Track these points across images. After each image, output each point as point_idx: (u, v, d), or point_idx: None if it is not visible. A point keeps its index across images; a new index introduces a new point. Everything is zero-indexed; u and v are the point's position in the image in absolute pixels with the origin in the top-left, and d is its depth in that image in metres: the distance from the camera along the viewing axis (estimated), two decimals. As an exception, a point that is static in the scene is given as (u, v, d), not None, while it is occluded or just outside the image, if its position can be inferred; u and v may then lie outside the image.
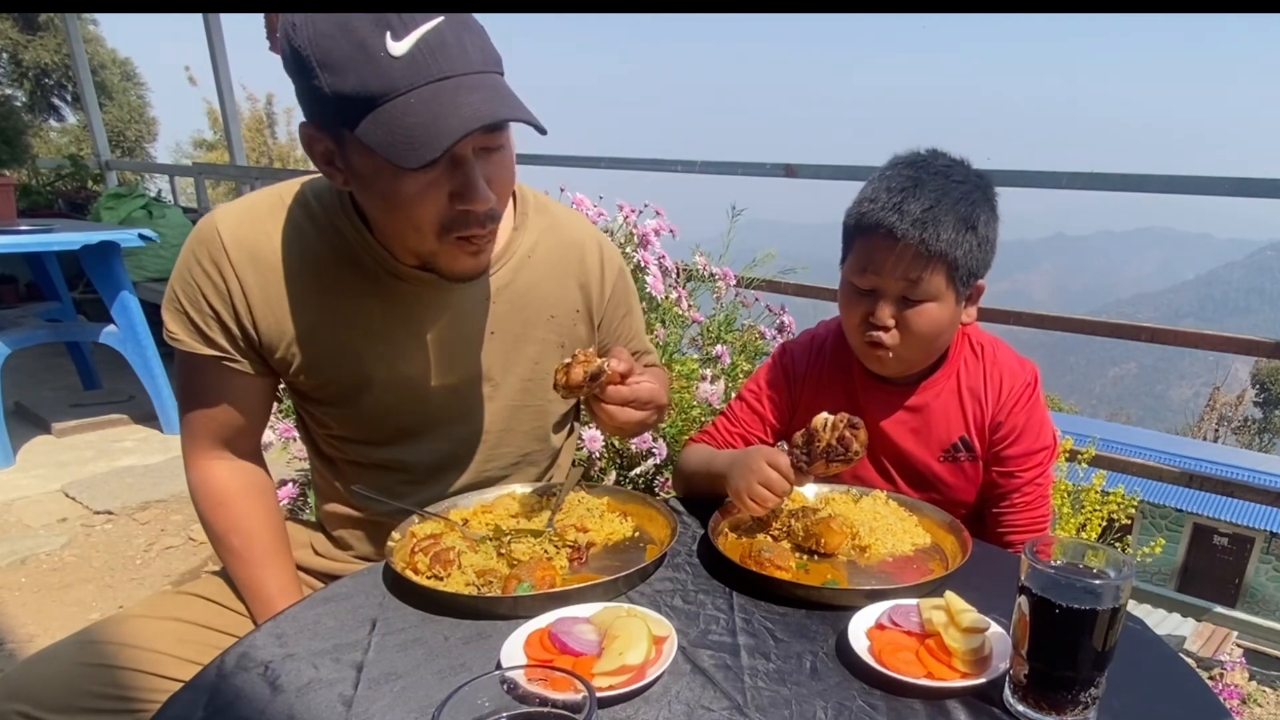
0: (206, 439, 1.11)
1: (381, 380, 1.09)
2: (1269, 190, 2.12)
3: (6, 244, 3.10)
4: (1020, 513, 1.25)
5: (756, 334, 2.59)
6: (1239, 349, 2.38)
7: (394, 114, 0.85)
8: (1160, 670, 0.84)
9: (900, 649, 0.82)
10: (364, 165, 0.92)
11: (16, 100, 15.09)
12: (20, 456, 3.43)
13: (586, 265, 1.19)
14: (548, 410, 1.20)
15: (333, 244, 1.05)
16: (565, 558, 1.02)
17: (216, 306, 1.03)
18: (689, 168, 3.16)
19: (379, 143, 0.86)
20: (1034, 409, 1.24)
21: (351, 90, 0.85)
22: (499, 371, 1.15)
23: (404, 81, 0.85)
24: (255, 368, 1.08)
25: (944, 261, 1.13)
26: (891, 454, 1.29)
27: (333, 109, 0.87)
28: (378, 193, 0.95)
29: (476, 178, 0.93)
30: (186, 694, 0.78)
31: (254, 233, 1.03)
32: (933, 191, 1.13)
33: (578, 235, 1.20)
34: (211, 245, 1.02)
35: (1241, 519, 14.26)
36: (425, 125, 0.84)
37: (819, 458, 1.07)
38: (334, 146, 0.94)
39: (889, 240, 1.13)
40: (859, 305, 1.19)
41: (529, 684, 0.59)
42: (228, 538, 1.11)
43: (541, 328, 1.16)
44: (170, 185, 6.94)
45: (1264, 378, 29.48)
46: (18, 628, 2.32)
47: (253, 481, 1.16)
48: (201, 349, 1.05)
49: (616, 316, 1.25)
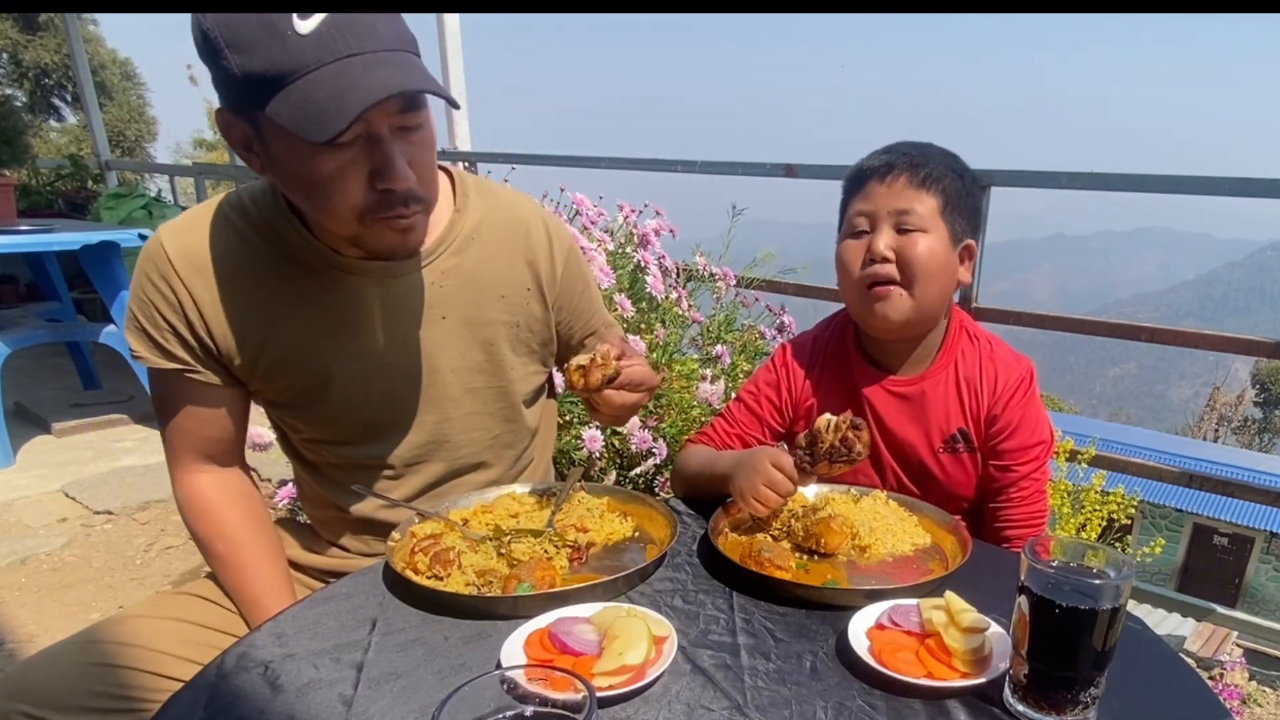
0: (186, 452, 1.12)
1: (342, 376, 1.10)
2: (1269, 190, 2.12)
3: (6, 244, 3.10)
4: (1017, 508, 1.25)
5: (756, 334, 2.59)
6: (1239, 349, 2.37)
7: (304, 91, 0.85)
8: (1160, 670, 0.84)
9: (900, 649, 0.82)
10: (280, 147, 0.92)
11: (16, 100, 15.09)
12: (20, 456, 3.43)
13: (533, 242, 1.19)
14: (511, 390, 1.20)
15: (274, 245, 1.05)
16: (565, 558, 1.02)
17: (172, 320, 1.04)
18: (689, 168, 3.16)
19: (290, 120, 0.85)
20: (1030, 404, 1.25)
21: (260, 69, 0.85)
22: (455, 355, 1.14)
23: (313, 59, 0.85)
24: (220, 378, 1.08)
25: (935, 190, 1.19)
26: (892, 446, 1.29)
27: (244, 90, 0.87)
28: (296, 175, 0.94)
29: (394, 155, 0.92)
30: (186, 694, 0.78)
31: (196, 244, 1.03)
32: (920, 145, 1.24)
33: (522, 214, 1.19)
34: (158, 261, 1.03)
35: (1241, 519, 14.26)
36: (334, 98, 0.84)
37: (822, 458, 1.07)
38: (251, 131, 0.93)
39: (882, 174, 1.21)
40: (857, 250, 1.23)
41: (529, 684, 0.59)
42: (213, 544, 1.12)
43: (493, 308, 1.16)
44: (170, 185, 6.93)
45: (1264, 378, 29.48)
46: (18, 628, 2.32)
47: (236, 489, 1.15)
48: (164, 363, 1.05)
49: (574, 293, 1.24)
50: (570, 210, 2.51)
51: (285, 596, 1.12)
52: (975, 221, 1.26)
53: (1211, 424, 28.03)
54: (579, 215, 2.50)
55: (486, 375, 1.17)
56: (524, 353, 1.21)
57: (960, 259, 1.25)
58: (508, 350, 1.18)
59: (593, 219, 2.51)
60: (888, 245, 1.19)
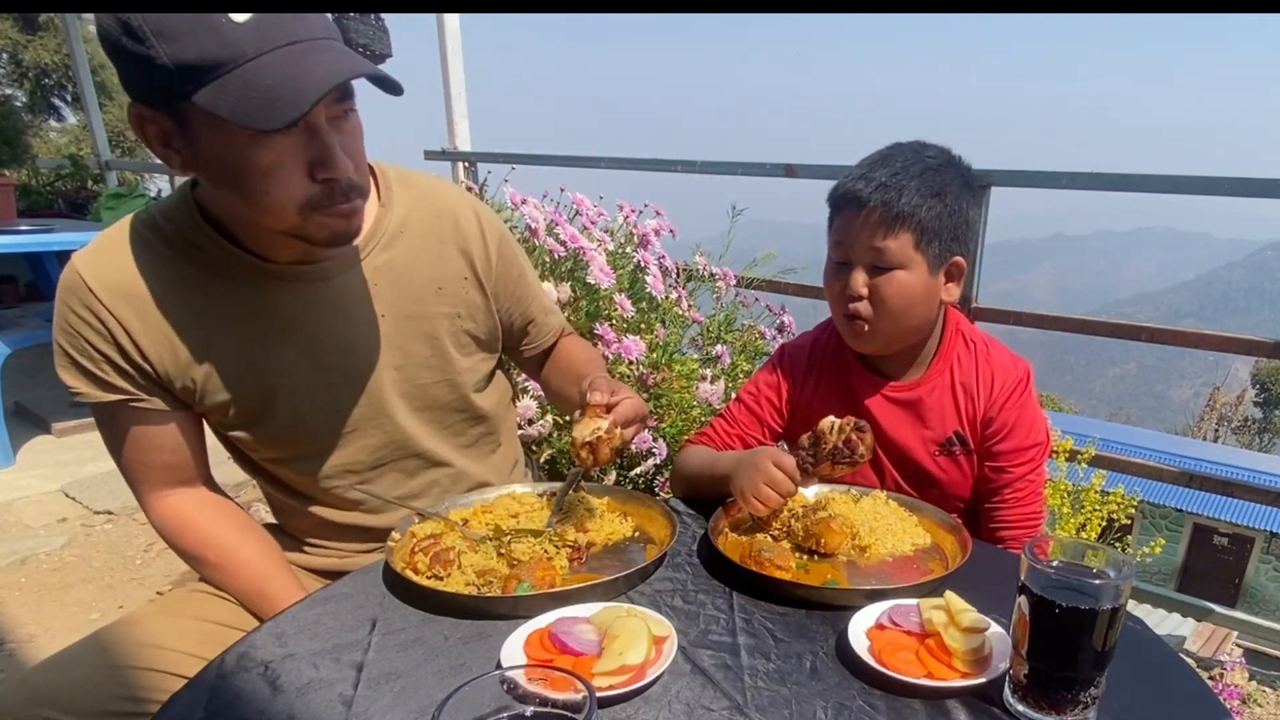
0: (148, 482, 1.09)
1: (284, 389, 1.07)
2: (1269, 190, 2.12)
3: (6, 244, 3.10)
4: (1012, 508, 1.25)
5: (756, 334, 2.59)
6: (1239, 349, 2.37)
7: (245, 79, 0.82)
8: (1160, 670, 0.84)
9: (900, 649, 0.82)
10: (211, 140, 0.88)
11: (16, 100, 15.09)
12: (20, 456, 3.43)
13: (463, 230, 1.17)
14: (459, 381, 1.19)
15: (194, 261, 1.02)
16: (565, 558, 1.02)
17: (104, 349, 1.00)
18: (689, 168, 3.16)
19: (231, 109, 0.82)
20: (1025, 405, 1.25)
21: (194, 58, 0.82)
22: (398, 353, 1.13)
23: (252, 47, 0.83)
24: (166, 402, 1.05)
25: (908, 225, 1.16)
26: (889, 450, 1.29)
27: (170, 80, 0.83)
28: (228, 169, 0.90)
29: (333, 144, 0.91)
30: (186, 694, 0.78)
31: (114, 270, 0.99)
32: (900, 161, 1.18)
33: (449, 203, 1.17)
34: (79, 291, 0.99)
35: (1241, 519, 14.26)
36: (284, 84, 0.83)
37: (825, 459, 1.07)
38: (171, 125, 0.89)
39: (856, 208, 1.18)
40: (836, 280, 1.23)
41: (529, 684, 0.59)
42: (202, 554, 1.09)
43: (431, 301, 1.14)
44: (170, 185, 6.93)
45: (1264, 378, 29.47)
46: (18, 628, 2.32)
47: (211, 501, 1.13)
48: (105, 395, 1.02)
49: (510, 279, 1.23)
50: (570, 210, 2.51)
51: (290, 583, 1.09)
52: (964, 235, 1.22)
53: (1211, 424, 28.02)
54: (579, 215, 2.50)
55: (434, 370, 1.16)
56: (468, 342, 1.19)
57: (948, 276, 1.23)
58: (450, 343, 1.16)
59: (593, 219, 2.51)
60: (863, 284, 1.19)
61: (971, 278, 2.50)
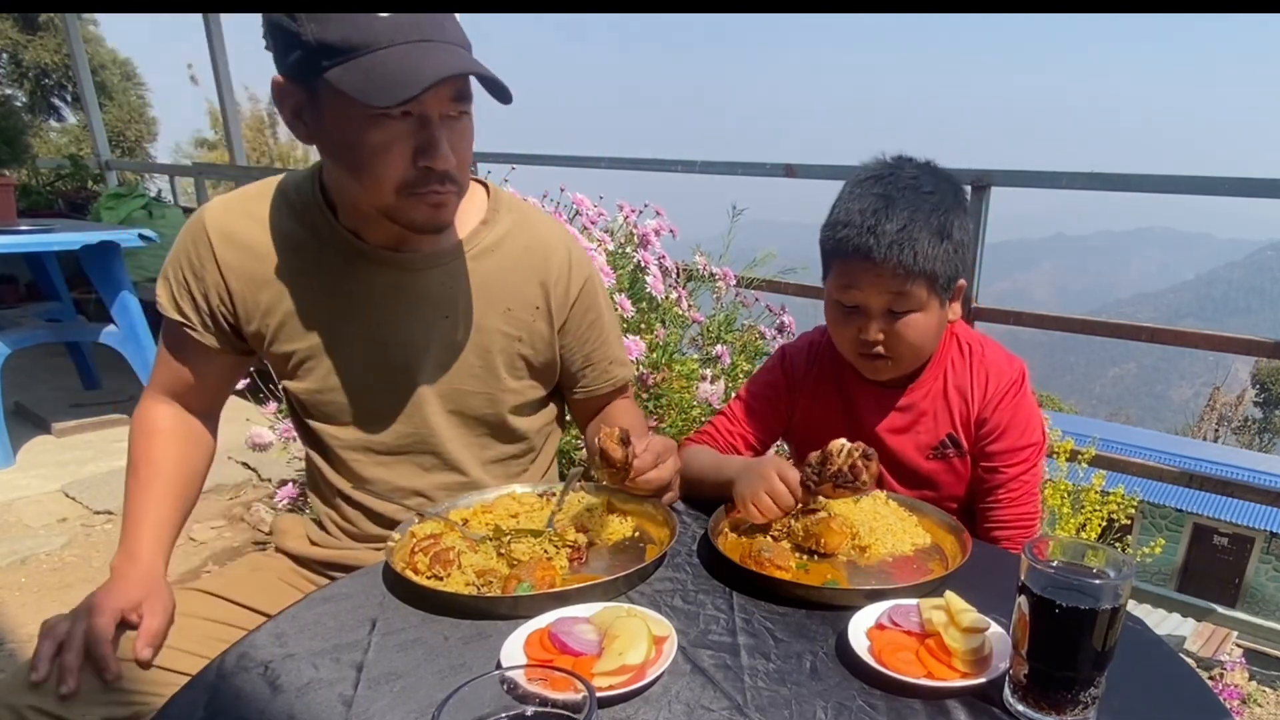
0: (162, 386, 1.20)
1: (339, 356, 1.16)
2: (1269, 190, 2.12)
3: (6, 244, 3.10)
4: (1006, 509, 1.25)
5: (756, 334, 2.59)
6: (1239, 349, 2.38)
7: (373, 63, 0.92)
8: (1160, 670, 0.84)
9: (900, 649, 0.82)
10: (333, 116, 0.98)
11: (16, 100, 15.09)
12: (20, 456, 3.43)
13: (551, 265, 1.22)
14: (499, 399, 1.22)
15: (306, 226, 1.13)
16: (565, 558, 1.02)
17: (190, 282, 1.14)
18: (689, 168, 3.16)
19: (354, 87, 0.92)
20: (1020, 405, 1.25)
21: (335, 38, 0.91)
22: (449, 355, 1.18)
23: (385, 37, 0.92)
24: (218, 343, 1.17)
25: (924, 276, 1.14)
26: (884, 454, 1.29)
27: (311, 55, 0.93)
28: (344, 143, 1.00)
29: (440, 136, 0.99)
30: (186, 694, 0.79)
31: (236, 216, 1.14)
32: (905, 209, 1.14)
33: (547, 236, 1.23)
34: (197, 230, 1.13)
35: (1241, 519, 14.26)
36: (405, 71, 0.91)
37: (828, 480, 1.07)
38: (304, 99, 1.00)
39: (867, 262, 1.14)
40: (848, 324, 1.22)
41: (529, 684, 0.59)
42: (139, 464, 1.16)
43: (497, 318, 1.19)
44: (170, 185, 6.94)
45: (1264, 378, 29.47)
46: (18, 628, 2.32)
47: (190, 431, 1.22)
48: (172, 314, 1.15)
49: (583, 322, 1.26)
50: (570, 210, 2.51)
51: (164, 542, 1.12)
52: (966, 259, 1.21)
53: (1211, 424, 28.02)
54: (579, 215, 2.50)
55: (478, 381, 1.20)
56: (521, 366, 1.23)
57: (952, 299, 1.24)
58: (502, 361, 1.20)
59: (593, 219, 2.51)
60: (878, 330, 1.19)
61: (971, 278, 2.50)
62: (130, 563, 1.06)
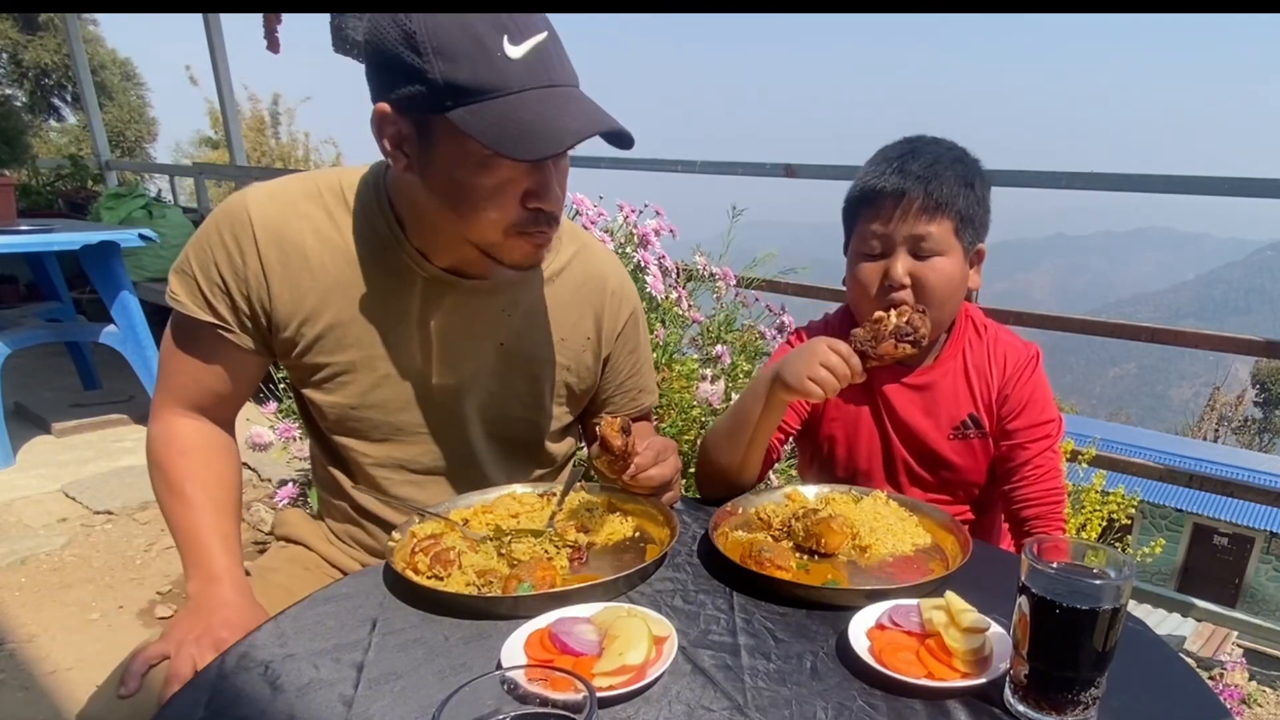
0: (182, 398, 1.11)
1: (385, 374, 1.11)
2: (1269, 190, 2.12)
3: (6, 244, 3.10)
4: (1032, 485, 1.26)
5: (756, 334, 2.59)
6: (1239, 349, 2.38)
7: (505, 109, 0.89)
8: (1160, 670, 0.84)
9: (900, 649, 0.81)
10: (447, 153, 0.95)
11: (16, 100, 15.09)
12: (20, 456, 3.43)
13: (605, 297, 1.22)
14: (541, 425, 1.23)
15: (363, 236, 1.08)
16: (565, 558, 1.02)
17: (227, 279, 1.05)
18: (689, 168, 3.16)
19: (484, 133, 0.89)
20: (1038, 383, 1.27)
21: (465, 80, 0.89)
22: (498, 381, 1.17)
23: (517, 82, 0.90)
24: (253, 344, 1.09)
25: (949, 213, 1.18)
26: (904, 435, 1.30)
27: (434, 94, 0.90)
28: (454, 182, 0.97)
29: (553, 180, 0.99)
30: (186, 694, 0.78)
31: (285, 214, 1.06)
32: (930, 153, 1.20)
33: (602, 267, 1.24)
34: (237, 221, 1.04)
35: (1241, 519, 14.26)
36: (543, 122, 0.89)
37: (888, 338, 1.09)
38: (410, 131, 0.96)
39: (896, 198, 1.18)
40: (873, 273, 1.22)
41: (529, 684, 0.59)
42: (183, 485, 1.07)
43: (551, 348, 1.19)
44: (170, 185, 6.94)
45: (1264, 378, 29.46)
46: (18, 628, 2.31)
47: (221, 441, 1.14)
48: (201, 315, 1.06)
49: (623, 353, 1.27)
50: (570, 210, 2.51)
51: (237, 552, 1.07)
52: (986, 223, 1.25)
53: (1211, 424, 28.02)
54: (579, 215, 2.50)
55: (525, 407, 1.20)
56: (565, 394, 1.23)
57: (971, 264, 1.26)
58: (548, 389, 1.20)
59: (593, 219, 2.51)
60: (905, 271, 1.19)
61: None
62: (215, 585, 1.00)
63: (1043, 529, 1.25)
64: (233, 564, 1.04)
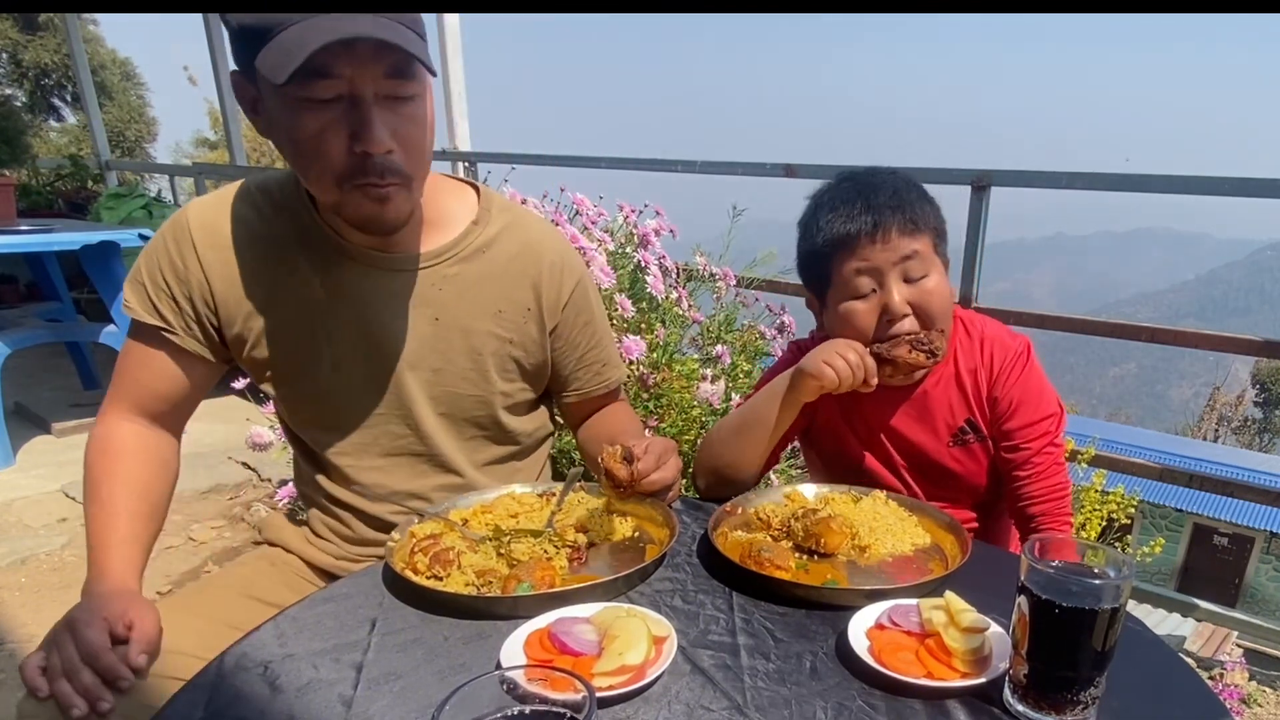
0: (127, 402, 1.13)
1: (328, 359, 1.13)
2: (1269, 190, 2.12)
3: (6, 244, 3.10)
4: (1035, 482, 1.25)
5: (756, 334, 2.59)
6: (1239, 349, 2.37)
7: (283, 40, 0.88)
8: (1160, 670, 0.84)
9: (900, 649, 0.82)
10: (272, 105, 0.96)
11: (16, 100, 15.10)
12: (20, 456, 3.43)
13: (542, 267, 1.20)
14: (490, 400, 1.21)
15: (289, 226, 1.11)
16: (565, 558, 1.02)
17: (172, 285, 1.09)
18: (689, 168, 3.16)
19: (263, 64, 0.89)
20: (1030, 378, 1.26)
21: (252, 22, 0.90)
22: (439, 358, 1.16)
23: (299, 15, 0.88)
24: (200, 347, 1.12)
25: (926, 229, 1.20)
26: (902, 448, 1.30)
27: (240, 45, 0.93)
28: (286, 133, 0.97)
29: (373, 119, 0.94)
30: (186, 694, 0.79)
31: (219, 217, 1.10)
32: (885, 183, 1.21)
33: (539, 238, 1.21)
34: (179, 228, 1.10)
35: (1241, 519, 14.26)
36: (299, 43, 0.87)
37: (903, 344, 1.14)
38: (255, 92, 0.98)
39: (873, 232, 1.18)
40: (869, 314, 1.21)
41: (529, 684, 0.59)
42: (100, 485, 1.06)
43: (488, 321, 1.17)
44: (170, 185, 6.93)
45: (1264, 378, 29.46)
46: (18, 628, 2.32)
47: (156, 448, 1.13)
48: (148, 318, 1.10)
49: (575, 324, 1.25)
50: (570, 210, 2.51)
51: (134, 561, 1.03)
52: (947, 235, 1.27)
53: (1211, 424, 28.01)
54: (579, 215, 2.50)
55: (470, 383, 1.19)
56: (513, 368, 1.22)
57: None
58: (493, 364, 1.19)
59: (593, 219, 2.51)
60: (903, 299, 1.19)
61: (971, 278, 2.50)
62: (102, 580, 0.97)
63: (1048, 525, 1.25)
64: (126, 571, 1.00)
